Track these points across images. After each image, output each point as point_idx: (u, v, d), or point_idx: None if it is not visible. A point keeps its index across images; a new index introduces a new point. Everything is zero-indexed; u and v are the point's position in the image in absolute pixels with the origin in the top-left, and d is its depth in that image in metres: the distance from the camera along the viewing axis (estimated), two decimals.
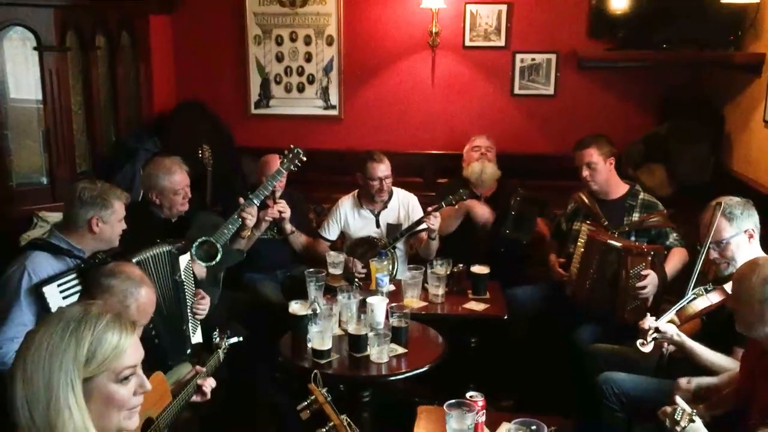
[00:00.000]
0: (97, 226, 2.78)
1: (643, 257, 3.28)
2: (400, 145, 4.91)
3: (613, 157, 3.64)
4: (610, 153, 3.63)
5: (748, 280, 2.19)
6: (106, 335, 1.47)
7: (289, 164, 3.62)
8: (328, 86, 5.02)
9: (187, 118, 4.86)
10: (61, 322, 1.45)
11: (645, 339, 2.64)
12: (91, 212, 2.77)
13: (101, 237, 2.81)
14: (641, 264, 3.26)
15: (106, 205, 2.79)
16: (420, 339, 3.13)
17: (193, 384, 2.43)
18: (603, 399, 2.82)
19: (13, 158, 3.77)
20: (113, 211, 2.81)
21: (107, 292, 2.22)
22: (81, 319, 1.47)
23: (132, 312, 2.24)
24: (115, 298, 2.22)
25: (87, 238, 2.80)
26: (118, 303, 2.21)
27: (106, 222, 2.80)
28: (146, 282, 2.33)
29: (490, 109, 4.90)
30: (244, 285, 3.89)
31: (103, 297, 2.20)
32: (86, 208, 2.76)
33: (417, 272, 3.50)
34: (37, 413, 1.39)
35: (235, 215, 3.48)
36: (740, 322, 2.27)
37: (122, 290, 2.24)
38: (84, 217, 2.77)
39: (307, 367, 2.87)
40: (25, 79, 3.77)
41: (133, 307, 2.25)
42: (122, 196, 2.89)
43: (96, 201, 2.77)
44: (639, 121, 4.74)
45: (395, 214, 3.99)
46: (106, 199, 2.80)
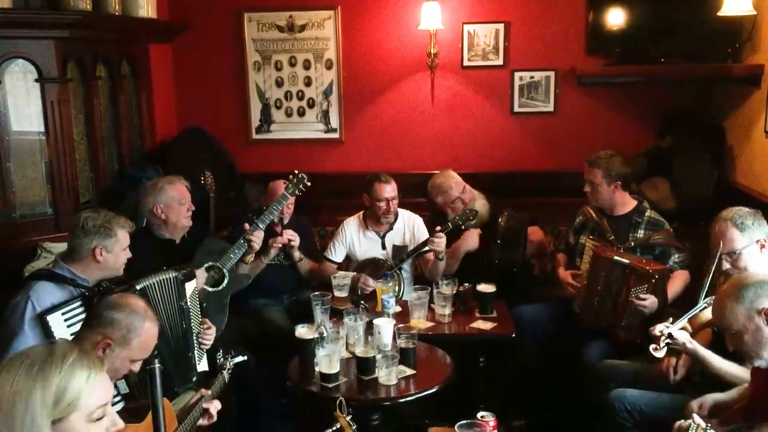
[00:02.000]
0: (101, 256, 2.77)
1: (647, 279, 3.24)
2: (402, 166, 4.91)
3: (621, 180, 3.58)
4: (617, 177, 3.56)
5: (731, 312, 2.20)
6: (74, 374, 1.44)
7: (293, 189, 3.62)
8: (328, 110, 5.05)
9: (188, 145, 4.87)
10: (25, 364, 1.41)
11: (658, 344, 2.63)
12: (95, 242, 2.76)
13: (105, 266, 2.80)
14: (644, 285, 3.24)
15: (109, 234, 2.78)
16: (428, 360, 3.11)
17: (199, 407, 2.40)
18: (615, 416, 2.79)
19: (16, 190, 3.77)
20: (117, 240, 2.80)
21: (110, 325, 2.19)
22: (46, 359, 1.43)
23: (134, 346, 2.21)
24: (119, 332, 2.19)
25: (91, 267, 2.78)
26: (121, 337, 2.19)
27: (110, 251, 2.79)
28: (150, 316, 2.29)
29: (491, 128, 4.92)
30: (250, 311, 3.87)
31: (106, 330, 2.18)
32: (90, 238, 2.75)
33: (423, 292, 3.48)
34: None
35: (241, 240, 3.48)
36: (743, 354, 2.27)
37: (126, 324, 2.20)
38: (88, 247, 2.76)
39: (315, 391, 2.85)
40: (27, 112, 3.78)
41: (135, 342, 2.21)
42: (126, 225, 2.88)
43: (99, 230, 2.76)
44: (640, 136, 4.75)
45: (401, 235, 3.98)
46: (110, 229, 2.79)
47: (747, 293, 2.20)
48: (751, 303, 2.19)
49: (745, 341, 2.21)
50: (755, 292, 2.20)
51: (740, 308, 2.20)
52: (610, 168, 3.57)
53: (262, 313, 3.84)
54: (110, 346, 2.17)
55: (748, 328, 2.19)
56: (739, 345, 2.25)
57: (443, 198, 4.08)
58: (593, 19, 4.62)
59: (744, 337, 2.21)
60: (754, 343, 2.20)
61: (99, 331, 2.18)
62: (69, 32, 3.79)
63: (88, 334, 2.20)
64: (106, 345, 2.17)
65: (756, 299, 2.19)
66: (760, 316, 2.18)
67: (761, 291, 2.20)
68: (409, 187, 4.49)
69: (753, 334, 2.19)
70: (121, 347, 2.19)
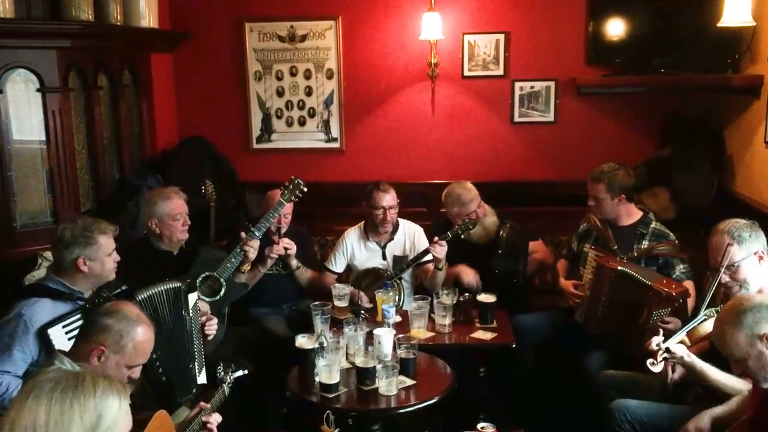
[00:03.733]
0: (84, 265, 2.70)
1: (670, 303, 3.17)
2: (403, 175, 4.92)
3: (625, 193, 3.55)
4: (621, 190, 3.54)
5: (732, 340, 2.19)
6: (107, 401, 1.46)
7: (289, 195, 3.62)
8: (329, 119, 5.05)
9: (189, 154, 4.87)
10: (56, 390, 1.41)
11: (655, 359, 2.62)
12: (76, 252, 2.69)
13: (92, 274, 2.75)
14: (666, 308, 3.17)
15: (89, 242, 2.71)
16: (428, 370, 3.10)
17: (198, 421, 2.39)
18: (616, 426, 2.78)
19: (17, 199, 3.77)
20: (99, 247, 2.73)
21: (103, 332, 2.15)
22: (78, 385, 1.43)
23: (129, 351, 2.18)
24: (112, 338, 2.15)
25: (78, 278, 2.73)
26: (115, 343, 2.15)
27: (93, 259, 2.72)
28: (143, 320, 2.25)
29: (491, 138, 4.92)
30: (250, 320, 3.86)
31: (99, 337, 2.14)
32: (70, 249, 2.69)
33: (423, 302, 3.48)
34: None
35: (237, 249, 3.48)
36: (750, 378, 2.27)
37: (118, 330, 2.16)
38: (70, 258, 2.69)
39: (315, 401, 2.85)
40: (28, 121, 3.79)
41: (129, 346, 2.18)
42: (107, 230, 2.79)
43: (78, 240, 2.69)
44: (639, 146, 4.76)
45: (401, 245, 3.98)
46: (90, 236, 2.71)
47: (746, 319, 2.18)
48: (751, 329, 2.17)
49: (750, 366, 2.20)
50: (753, 317, 2.17)
51: (740, 335, 2.18)
52: (614, 182, 3.54)
53: (261, 322, 3.84)
54: (104, 353, 2.13)
55: (751, 354, 2.18)
56: (744, 370, 2.23)
57: (459, 209, 3.98)
58: (593, 30, 4.64)
59: (748, 363, 2.19)
60: (758, 367, 2.19)
61: (92, 338, 2.14)
62: (71, 42, 3.80)
63: (81, 343, 2.17)
64: (100, 352, 2.13)
65: (755, 325, 2.17)
66: (761, 341, 2.16)
67: (759, 315, 2.17)
68: (410, 197, 4.50)
69: (757, 359, 2.18)
70: (115, 353, 2.15)
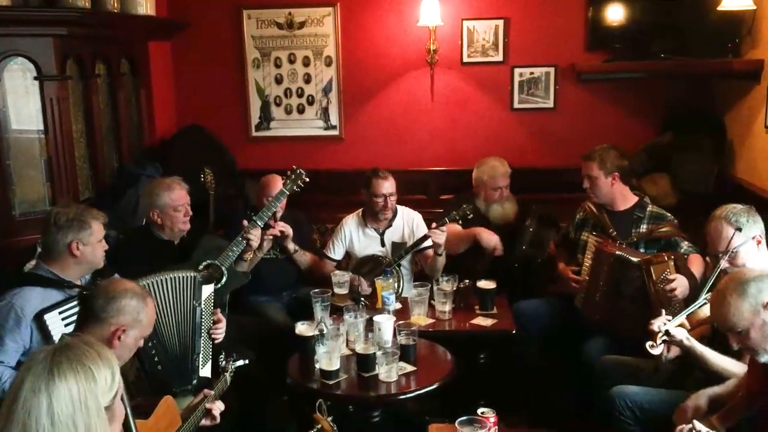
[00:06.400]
0: (77, 250, 2.71)
1: (665, 264, 3.20)
2: (402, 162, 4.91)
3: (618, 172, 3.57)
4: (615, 168, 3.56)
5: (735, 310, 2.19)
6: (111, 362, 1.48)
7: (291, 185, 3.62)
8: (328, 107, 5.04)
9: (188, 142, 4.87)
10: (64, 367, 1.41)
11: (654, 341, 2.62)
12: (70, 236, 2.70)
13: (83, 260, 2.75)
14: (666, 270, 3.19)
15: (83, 226, 2.72)
16: (429, 356, 3.11)
17: (202, 408, 2.41)
18: (616, 412, 2.78)
19: (16, 188, 3.76)
20: (92, 232, 2.75)
21: (120, 313, 2.22)
22: (82, 355, 1.44)
23: (144, 324, 2.29)
24: (129, 316, 2.24)
25: (70, 263, 2.73)
26: (133, 320, 2.25)
27: (86, 244, 2.73)
28: (146, 292, 2.37)
29: (491, 124, 4.91)
30: (249, 308, 3.87)
31: (117, 319, 2.22)
32: (64, 232, 2.70)
33: (423, 289, 3.48)
34: None
35: (239, 237, 3.47)
36: (749, 351, 2.27)
37: (134, 307, 2.25)
38: (63, 242, 2.70)
39: (315, 388, 2.85)
40: (26, 110, 3.77)
41: (144, 320, 2.29)
42: (99, 216, 2.82)
43: (73, 224, 2.71)
44: (640, 132, 4.75)
45: (400, 232, 3.98)
46: (84, 221, 2.73)
47: (749, 288, 2.18)
48: (755, 298, 2.17)
49: (752, 337, 2.19)
50: (757, 286, 2.18)
51: (744, 304, 2.18)
52: (606, 160, 3.56)
53: (261, 310, 3.84)
54: (125, 332, 2.23)
55: (755, 324, 2.18)
56: (745, 342, 2.23)
57: (488, 179, 4.05)
58: (593, 15, 4.62)
59: (750, 333, 2.19)
60: (761, 338, 2.19)
61: (109, 322, 2.21)
62: (68, 30, 3.78)
63: (95, 328, 2.20)
64: (122, 332, 2.22)
65: (759, 293, 2.18)
66: (766, 309, 2.17)
67: (763, 285, 2.18)
68: (409, 184, 4.50)
69: (760, 329, 2.18)
70: (133, 330, 2.26)
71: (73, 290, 2.73)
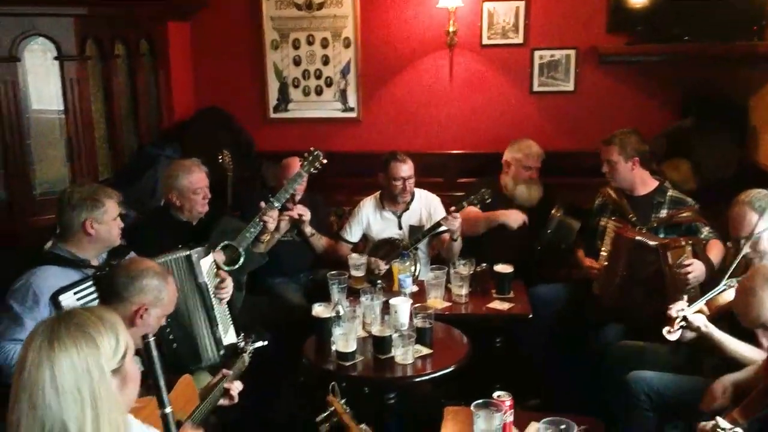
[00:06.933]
0: (92, 228, 2.72)
1: (683, 248, 3.18)
2: (420, 145, 4.89)
3: (639, 157, 3.54)
4: (635, 153, 3.52)
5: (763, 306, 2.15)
6: (118, 325, 1.49)
7: (309, 167, 3.62)
8: (346, 89, 5.02)
9: (206, 124, 4.88)
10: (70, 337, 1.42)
11: (672, 327, 2.60)
12: (84, 214, 2.71)
13: (99, 238, 2.76)
14: (682, 255, 3.16)
15: (97, 205, 2.73)
16: (445, 339, 3.11)
17: (220, 387, 2.43)
18: (632, 398, 2.77)
19: (36, 168, 3.80)
20: (105, 210, 2.75)
21: (142, 292, 2.26)
22: (82, 323, 1.44)
23: (166, 303, 2.33)
24: (151, 295, 2.27)
25: (84, 242, 2.74)
26: (155, 299, 2.28)
27: (100, 222, 2.74)
28: (166, 271, 2.41)
29: (510, 107, 4.87)
30: (266, 289, 3.89)
31: (138, 298, 2.25)
32: (78, 211, 2.71)
33: (440, 272, 3.47)
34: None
35: (257, 219, 3.48)
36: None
37: (155, 286, 2.29)
38: (78, 221, 2.71)
39: (331, 369, 2.86)
40: (47, 90, 3.80)
41: (166, 299, 2.32)
42: (113, 195, 2.83)
43: (86, 202, 2.71)
44: (660, 116, 4.68)
45: (417, 215, 3.97)
46: (97, 199, 2.74)
47: None
48: None
49: None
50: None
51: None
52: (626, 144, 3.53)
53: (278, 291, 3.86)
54: (147, 311, 2.26)
55: None
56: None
57: (523, 159, 4.09)
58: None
59: None
60: None
61: (131, 300, 2.25)
62: (87, 9, 3.79)
63: (117, 307, 2.21)
64: (144, 311, 2.25)
65: None
66: None
67: None
68: (427, 167, 4.47)
69: None
70: (155, 308, 2.29)
71: (90, 270, 2.74)
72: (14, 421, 1.37)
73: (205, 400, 2.36)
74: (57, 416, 1.36)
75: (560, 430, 2.11)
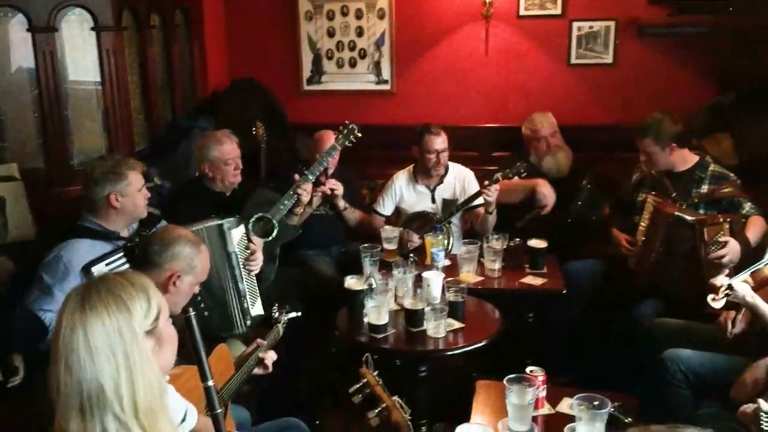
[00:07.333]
0: (117, 201, 2.73)
1: (720, 226, 3.11)
2: (454, 118, 4.84)
3: (675, 141, 3.39)
4: (670, 137, 3.38)
5: None
6: (150, 287, 1.50)
7: (344, 140, 3.61)
8: (380, 60, 4.98)
9: (240, 96, 4.88)
10: (104, 302, 1.42)
11: (717, 295, 2.56)
12: (108, 188, 2.72)
13: (125, 211, 2.77)
14: (719, 233, 3.11)
15: (120, 178, 2.74)
16: (477, 314, 3.09)
17: (255, 357, 2.46)
18: (668, 376, 2.74)
19: (74, 138, 3.85)
20: (128, 183, 2.76)
21: (174, 259, 2.29)
22: (113, 286, 1.46)
23: (198, 270, 2.36)
24: (183, 262, 2.31)
25: (111, 215, 2.76)
26: (187, 266, 2.31)
27: (124, 195, 2.75)
28: (199, 239, 2.44)
29: (546, 80, 4.79)
30: (298, 261, 3.91)
31: (171, 265, 2.29)
32: (101, 186, 2.72)
33: (473, 246, 3.45)
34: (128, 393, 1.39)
35: (291, 191, 3.49)
36: None
37: (188, 253, 2.32)
38: (102, 195, 2.72)
39: (363, 341, 2.87)
40: (84, 61, 3.83)
41: (199, 266, 2.35)
42: (136, 166, 2.84)
43: (109, 176, 2.72)
44: (701, 90, 4.57)
45: (451, 189, 3.94)
46: (119, 173, 2.74)
47: None
48: None
49: None
50: None
51: None
52: (660, 132, 3.38)
53: (310, 263, 3.88)
54: (180, 278, 2.29)
55: None
56: None
57: (530, 133, 4.17)
58: None
59: None
60: None
61: (164, 267, 2.28)
62: None
63: (151, 274, 2.23)
64: (177, 278, 2.29)
65: None
66: None
67: None
68: (461, 141, 4.43)
69: None
70: (188, 275, 2.32)
71: (120, 241, 2.78)
72: (54, 384, 1.40)
73: (240, 369, 2.39)
74: (92, 378, 1.38)
75: (593, 406, 2.09)
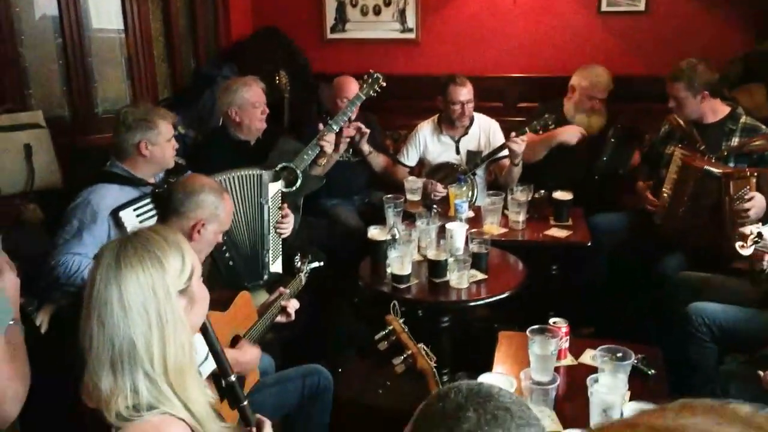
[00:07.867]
0: (146, 149, 2.75)
1: (747, 180, 3.03)
2: (480, 68, 4.74)
3: (708, 89, 3.31)
4: (704, 85, 3.29)
5: None
6: (184, 245, 1.51)
7: (368, 90, 3.57)
8: (404, 8, 4.87)
9: (263, 44, 4.83)
10: (138, 256, 1.44)
11: (745, 242, 2.52)
12: (138, 136, 2.73)
13: (153, 159, 2.79)
14: (745, 187, 3.03)
15: (151, 126, 2.75)
16: (500, 265, 3.09)
17: (278, 305, 2.48)
18: (692, 329, 2.72)
19: (98, 86, 3.85)
20: (159, 132, 2.77)
21: (199, 207, 2.31)
22: (148, 243, 1.47)
23: (222, 219, 2.38)
24: (207, 210, 2.32)
25: (140, 163, 2.77)
26: (211, 215, 2.33)
27: (155, 144, 2.76)
28: (223, 188, 2.45)
29: (576, 28, 4.65)
30: (321, 210, 3.91)
31: (195, 213, 2.31)
32: (132, 133, 2.73)
33: (497, 198, 3.42)
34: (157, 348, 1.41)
35: (314, 141, 3.47)
36: None
37: (211, 202, 2.33)
38: (132, 142, 2.74)
39: (386, 291, 2.88)
40: (106, 8, 3.81)
41: (222, 214, 2.37)
42: (167, 116, 2.84)
43: (141, 124, 2.74)
44: (737, 39, 4.41)
45: (476, 140, 3.89)
46: (151, 121, 2.75)
47: None
48: None
49: None
50: None
51: None
52: (693, 78, 3.29)
53: (333, 213, 3.89)
54: (204, 226, 2.32)
55: None
56: None
57: (588, 88, 3.91)
58: None
59: None
60: None
61: (188, 216, 2.31)
62: None
63: (175, 222, 2.29)
64: (201, 226, 2.31)
65: None
66: None
67: None
68: (486, 91, 4.35)
69: None
70: (212, 224, 2.34)
71: (147, 188, 2.80)
72: (86, 339, 1.42)
73: (263, 317, 2.42)
74: (125, 333, 1.39)
75: (617, 357, 2.08)
